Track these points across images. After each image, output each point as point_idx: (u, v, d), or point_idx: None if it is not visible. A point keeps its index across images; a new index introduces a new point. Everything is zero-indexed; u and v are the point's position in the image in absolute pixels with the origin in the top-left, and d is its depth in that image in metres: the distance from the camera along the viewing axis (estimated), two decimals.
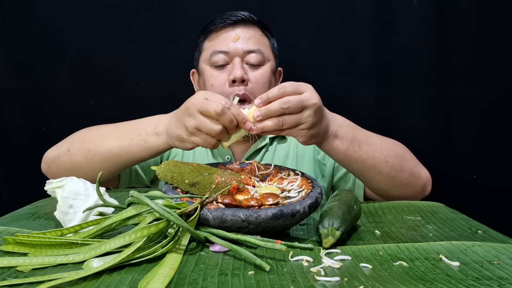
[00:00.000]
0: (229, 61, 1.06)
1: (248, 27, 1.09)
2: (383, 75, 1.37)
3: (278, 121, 0.76)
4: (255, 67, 1.06)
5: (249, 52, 1.06)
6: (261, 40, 1.10)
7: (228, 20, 1.09)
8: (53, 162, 0.98)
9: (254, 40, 1.08)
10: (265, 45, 1.10)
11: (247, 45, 1.06)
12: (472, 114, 1.36)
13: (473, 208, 0.97)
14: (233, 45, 1.06)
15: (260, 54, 1.06)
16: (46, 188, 0.74)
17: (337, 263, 0.55)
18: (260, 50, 1.07)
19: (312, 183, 0.74)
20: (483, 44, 1.33)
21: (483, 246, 0.63)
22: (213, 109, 0.75)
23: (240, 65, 1.04)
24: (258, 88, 1.05)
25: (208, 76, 1.07)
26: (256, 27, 1.11)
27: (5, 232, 0.67)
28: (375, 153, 0.90)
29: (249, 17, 1.11)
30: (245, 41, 1.07)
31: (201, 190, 0.68)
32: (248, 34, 1.08)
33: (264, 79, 1.06)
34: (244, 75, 1.03)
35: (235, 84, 1.03)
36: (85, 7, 1.36)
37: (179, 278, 0.51)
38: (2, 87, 1.37)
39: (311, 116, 0.78)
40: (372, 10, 1.34)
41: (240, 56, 1.05)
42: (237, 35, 1.07)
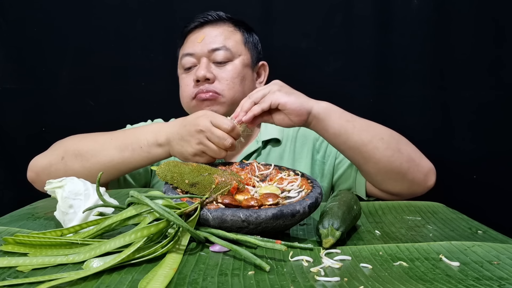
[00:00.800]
0: (196, 62, 1.07)
1: (216, 26, 1.09)
2: (383, 75, 1.37)
3: (249, 100, 0.86)
4: (223, 64, 1.06)
5: (214, 50, 1.05)
6: (230, 35, 1.08)
7: (194, 24, 1.10)
8: (43, 170, 0.96)
9: (220, 37, 1.07)
10: (235, 40, 1.08)
11: (212, 44, 1.06)
12: (472, 114, 1.36)
13: (473, 208, 0.97)
14: (198, 46, 1.06)
15: (226, 50, 1.05)
16: (46, 188, 0.74)
17: (337, 263, 0.55)
18: (226, 46, 1.06)
19: (312, 183, 0.74)
20: (483, 44, 1.33)
21: (483, 246, 0.63)
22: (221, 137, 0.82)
23: (204, 65, 1.04)
24: (226, 83, 1.05)
25: (180, 80, 1.11)
26: (226, 24, 1.10)
27: (5, 232, 0.67)
28: (369, 128, 0.92)
29: (216, 16, 1.10)
30: (211, 40, 1.06)
31: (201, 190, 0.68)
32: (215, 32, 1.08)
33: (233, 74, 1.05)
34: (207, 74, 1.03)
35: (199, 84, 1.04)
36: (85, 7, 1.36)
37: (179, 278, 0.51)
38: (2, 87, 1.37)
39: (272, 85, 0.88)
40: (372, 10, 1.34)
41: (206, 55, 1.06)
42: (202, 36, 1.07)
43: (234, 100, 1.04)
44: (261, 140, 1.11)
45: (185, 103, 1.10)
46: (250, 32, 1.13)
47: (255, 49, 1.13)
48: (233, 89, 1.05)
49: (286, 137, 1.13)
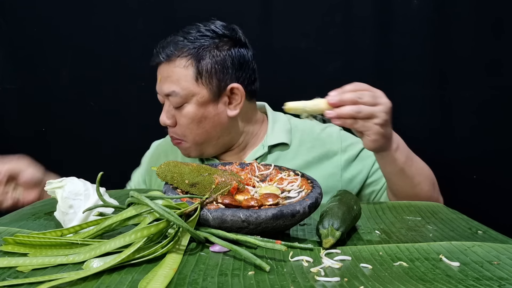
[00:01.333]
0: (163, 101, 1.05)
1: (169, 63, 1.00)
2: (383, 75, 1.37)
3: (356, 107, 0.78)
4: (178, 109, 1.01)
5: (167, 95, 1.01)
6: (181, 75, 0.99)
7: (155, 57, 1.03)
8: None
9: (171, 79, 1.00)
10: (186, 80, 0.99)
11: (164, 88, 1.01)
12: (472, 114, 1.36)
13: (473, 208, 0.97)
14: (158, 87, 1.03)
15: (176, 95, 0.99)
16: (46, 188, 0.74)
17: (337, 263, 0.55)
18: (175, 91, 0.99)
19: (312, 183, 0.74)
20: (483, 44, 1.33)
21: (483, 246, 0.63)
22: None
23: (165, 110, 1.03)
24: (183, 129, 1.02)
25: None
26: (180, 59, 0.99)
27: (5, 232, 0.67)
28: (420, 172, 0.94)
29: (169, 54, 1.00)
30: (163, 82, 1.01)
31: (201, 191, 0.68)
32: (166, 72, 1.01)
33: (188, 119, 1.01)
34: (166, 121, 1.03)
35: (168, 128, 1.05)
36: (85, 7, 1.36)
37: (179, 278, 0.51)
38: (2, 87, 1.37)
39: (383, 112, 0.80)
40: (372, 10, 1.34)
41: (166, 98, 1.03)
42: (159, 76, 1.03)
43: (198, 141, 1.03)
44: (267, 145, 1.07)
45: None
46: (212, 56, 1.00)
47: (216, 77, 1.00)
48: (192, 133, 1.02)
49: (296, 140, 1.09)
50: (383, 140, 0.84)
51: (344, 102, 0.78)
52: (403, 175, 0.92)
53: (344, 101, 0.78)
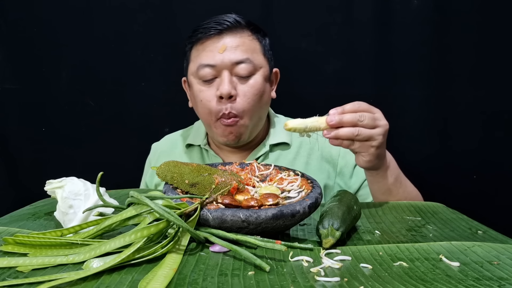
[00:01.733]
0: (216, 74, 1.00)
1: (236, 34, 1.00)
2: (383, 75, 1.37)
3: (354, 130, 0.78)
4: (245, 79, 1.00)
5: (238, 63, 0.98)
6: (251, 46, 1.01)
7: (212, 30, 1.00)
8: None
9: (242, 48, 0.99)
10: (256, 51, 1.02)
11: (235, 56, 0.98)
12: (472, 114, 1.36)
13: (473, 208, 0.97)
14: (219, 57, 0.98)
15: (250, 63, 0.99)
16: (46, 188, 0.74)
17: (337, 263, 0.55)
18: (250, 59, 0.99)
19: (312, 183, 0.74)
20: (483, 44, 1.33)
21: (483, 246, 0.63)
22: None
23: (228, 80, 0.98)
24: (247, 101, 0.99)
25: (197, 91, 1.03)
26: (245, 31, 1.02)
27: (5, 232, 0.67)
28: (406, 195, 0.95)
29: (236, 22, 1.01)
30: (233, 51, 0.99)
31: (201, 191, 0.68)
32: (236, 42, 0.99)
33: (254, 91, 1.00)
34: (231, 91, 0.97)
35: (222, 101, 0.98)
36: (85, 7, 1.36)
37: (179, 278, 0.51)
38: (2, 87, 1.37)
39: (381, 135, 0.81)
40: (372, 10, 1.34)
41: (228, 68, 0.99)
42: (223, 46, 0.98)
43: (253, 118, 1.02)
44: (269, 144, 1.08)
45: (206, 119, 1.04)
46: (265, 38, 1.06)
47: (271, 57, 1.07)
48: (253, 107, 1.00)
49: (297, 142, 1.10)
50: (377, 160, 0.85)
51: (344, 123, 0.78)
52: (389, 195, 0.93)
53: (344, 123, 0.78)
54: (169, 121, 1.19)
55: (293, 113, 1.10)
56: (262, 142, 1.10)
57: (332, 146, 1.08)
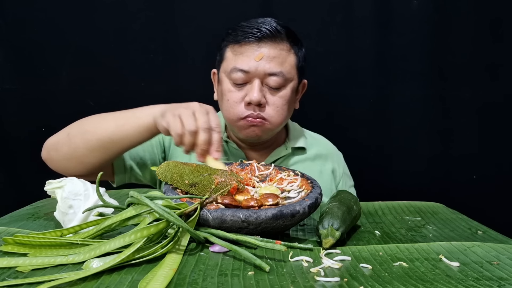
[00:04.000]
0: (248, 80, 1.00)
1: (275, 44, 1.00)
2: (383, 75, 1.37)
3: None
4: (275, 90, 1.00)
5: (270, 74, 0.99)
6: (287, 58, 1.01)
7: (252, 36, 0.99)
8: (52, 147, 0.98)
9: (278, 60, 0.99)
10: (290, 64, 1.02)
11: (269, 67, 0.98)
12: (472, 114, 1.36)
13: (473, 208, 0.97)
14: (254, 64, 0.98)
15: (282, 77, 0.99)
16: (45, 188, 0.74)
17: (337, 263, 0.55)
18: (282, 72, 0.99)
19: (312, 183, 0.74)
20: (483, 44, 1.33)
21: (483, 246, 0.63)
22: (202, 122, 0.80)
23: (258, 88, 0.98)
24: (275, 110, 1.00)
25: (225, 90, 1.03)
26: (284, 43, 1.01)
27: (4, 232, 0.67)
28: None
29: (276, 31, 1.00)
30: (268, 61, 0.98)
31: (201, 191, 0.68)
32: (273, 53, 0.99)
33: (283, 101, 1.01)
34: (261, 99, 0.98)
35: (250, 106, 0.99)
36: (85, 7, 1.36)
37: (179, 278, 0.51)
38: (2, 87, 1.37)
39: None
40: (372, 10, 1.34)
41: (260, 77, 0.99)
42: (261, 54, 0.98)
43: (279, 126, 1.04)
44: (290, 147, 1.11)
45: (231, 120, 1.04)
46: (302, 49, 1.06)
47: (303, 69, 1.07)
48: (281, 116, 1.02)
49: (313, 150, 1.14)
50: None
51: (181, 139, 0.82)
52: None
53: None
54: None
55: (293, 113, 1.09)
56: (284, 144, 1.12)
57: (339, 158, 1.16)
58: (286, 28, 1.02)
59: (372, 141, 1.40)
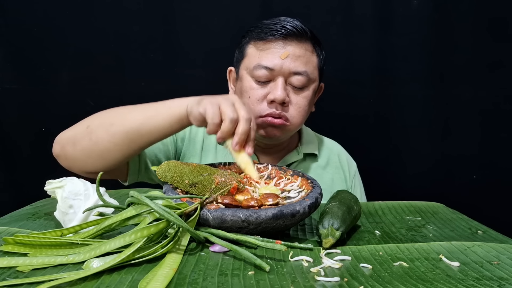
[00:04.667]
0: (271, 78, 0.98)
1: (300, 43, 0.99)
2: (383, 75, 1.37)
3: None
4: (298, 90, 1.00)
5: (295, 73, 0.98)
6: (310, 59, 1.01)
7: (278, 33, 0.98)
8: (68, 141, 0.92)
9: (303, 60, 0.99)
10: (313, 65, 1.01)
11: (295, 66, 0.97)
12: (472, 114, 1.36)
13: (473, 208, 0.97)
14: (279, 62, 0.97)
15: (306, 76, 0.99)
16: (46, 188, 0.74)
17: (337, 263, 0.55)
18: (307, 72, 0.99)
19: (312, 183, 0.74)
20: (483, 44, 1.33)
21: (483, 246, 0.63)
22: (244, 112, 0.76)
23: (282, 86, 0.97)
24: (298, 110, 1.00)
25: (247, 87, 1.00)
26: (308, 43, 1.00)
27: (5, 232, 0.67)
28: None
29: (302, 30, 0.99)
30: (294, 60, 0.98)
31: (201, 191, 0.68)
32: (298, 52, 0.98)
33: (306, 102, 1.01)
34: (285, 98, 0.97)
35: (272, 105, 0.98)
36: (85, 7, 1.36)
37: (179, 278, 0.51)
38: (2, 87, 1.37)
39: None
40: (372, 10, 1.34)
41: (285, 76, 0.98)
42: (286, 52, 0.97)
43: (298, 127, 1.03)
44: (302, 152, 1.10)
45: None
46: (323, 52, 1.06)
47: (322, 72, 1.07)
48: (302, 116, 1.01)
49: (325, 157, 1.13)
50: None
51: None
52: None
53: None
54: None
55: None
56: (295, 149, 1.11)
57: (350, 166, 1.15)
58: (309, 29, 1.01)
59: (372, 141, 1.40)
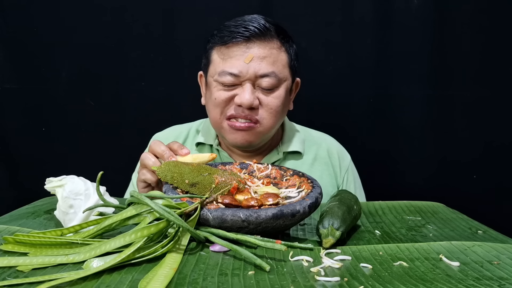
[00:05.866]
0: (238, 83, 0.95)
1: (264, 43, 0.94)
2: (383, 75, 1.37)
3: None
4: (268, 91, 0.95)
5: (262, 76, 0.94)
6: (278, 57, 0.96)
7: (240, 35, 0.93)
8: None
9: (269, 60, 0.94)
10: (282, 63, 0.97)
11: (261, 68, 0.93)
12: (472, 114, 1.36)
13: (473, 208, 0.97)
14: (244, 67, 0.93)
15: (274, 77, 0.94)
16: (46, 186, 0.74)
17: (337, 263, 0.55)
18: (275, 72, 0.94)
19: (312, 183, 0.74)
20: (483, 44, 1.33)
21: (483, 246, 0.63)
22: (150, 163, 0.80)
23: (249, 90, 0.93)
24: (269, 112, 0.96)
25: (214, 92, 0.97)
26: (274, 41, 0.96)
27: (5, 231, 0.67)
28: None
29: (265, 29, 0.94)
30: (259, 62, 0.93)
31: (201, 190, 0.68)
32: (263, 53, 0.94)
33: (278, 102, 0.96)
34: (253, 102, 0.93)
35: (240, 108, 0.95)
36: (85, 7, 1.36)
37: (179, 278, 0.51)
38: (2, 87, 1.37)
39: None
40: (372, 10, 1.34)
41: (252, 80, 0.94)
42: (250, 56, 0.93)
43: (271, 129, 0.99)
44: (282, 151, 1.07)
45: (216, 121, 0.99)
46: (293, 46, 1.01)
47: (295, 67, 1.02)
48: (274, 117, 0.97)
49: (312, 153, 1.10)
50: None
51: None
52: None
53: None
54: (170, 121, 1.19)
55: (293, 113, 1.10)
56: (276, 149, 1.07)
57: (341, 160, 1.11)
58: (275, 25, 0.97)
59: (372, 141, 1.40)
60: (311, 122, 1.21)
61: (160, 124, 1.18)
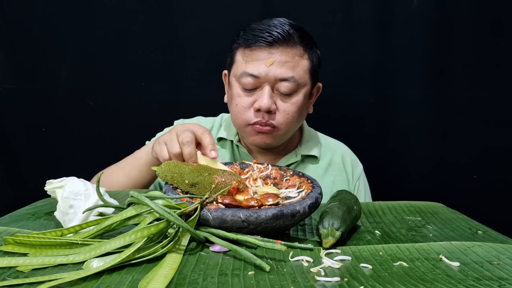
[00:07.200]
0: (258, 85, 0.97)
1: (287, 49, 0.96)
2: (383, 75, 1.37)
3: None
4: (286, 96, 0.98)
5: (281, 80, 0.96)
6: (299, 63, 0.98)
7: (263, 40, 0.96)
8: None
9: (290, 65, 0.96)
10: (303, 69, 0.99)
11: (280, 73, 0.95)
12: (472, 114, 1.36)
13: (473, 208, 0.97)
14: (264, 70, 0.95)
15: (294, 82, 0.96)
16: (46, 188, 0.74)
17: (337, 263, 0.55)
18: (294, 77, 0.96)
19: (312, 183, 0.74)
20: (483, 44, 1.33)
21: (483, 246, 0.63)
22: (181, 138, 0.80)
23: (268, 94, 0.96)
24: (285, 118, 0.98)
25: (235, 95, 1.01)
26: (297, 47, 0.98)
27: (5, 232, 0.67)
28: None
29: (288, 35, 0.96)
30: (280, 66, 0.95)
31: (201, 190, 0.68)
32: (285, 57, 0.96)
33: (294, 108, 0.98)
34: (271, 106, 0.96)
35: (259, 113, 0.97)
36: (85, 7, 1.36)
37: (179, 278, 0.51)
38: (2, 87, 1.37)
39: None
40: (372, 10, 1.34)
41: (271, 83, 0.96)
42: (271, 60, 0.95)
43: (289, 133, 1.02)
44: (301, 154, 1.09)
45: (239, 125, 1.02)
46: (317, 52, 1.03)
47: (317, 73, 1.04)
48: (290, 123, 1.00)
49: (327, 159, 1.12)
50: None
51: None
52: None
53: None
54: (170, 121, 1.19)
55: None
56: (294, 151, 1.10)
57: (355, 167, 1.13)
58: (300, 30, 0.99)
59: (372, 141, 1.40)
60: (312, 122, 1.21)
61: (160, 124, 1.18)
